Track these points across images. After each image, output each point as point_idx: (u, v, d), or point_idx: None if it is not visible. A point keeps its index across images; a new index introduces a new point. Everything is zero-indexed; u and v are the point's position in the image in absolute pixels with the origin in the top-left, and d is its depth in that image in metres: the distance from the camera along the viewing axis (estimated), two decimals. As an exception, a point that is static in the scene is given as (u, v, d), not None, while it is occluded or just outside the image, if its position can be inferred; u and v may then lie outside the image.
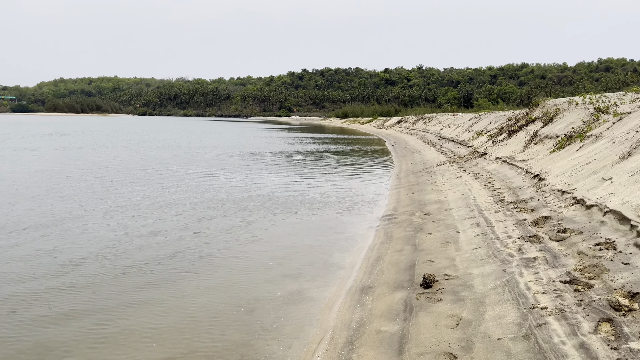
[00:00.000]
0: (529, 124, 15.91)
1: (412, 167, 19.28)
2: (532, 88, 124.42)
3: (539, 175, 9.80)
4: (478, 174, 13.32)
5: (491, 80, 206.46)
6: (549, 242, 6.08)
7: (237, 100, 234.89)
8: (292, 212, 10.78)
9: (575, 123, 12.70)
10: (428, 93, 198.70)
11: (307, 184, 15.20)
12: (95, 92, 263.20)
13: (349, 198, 12.86)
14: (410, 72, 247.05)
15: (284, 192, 13.38)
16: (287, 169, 19.15)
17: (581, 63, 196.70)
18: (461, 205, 9.74)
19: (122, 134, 46.31)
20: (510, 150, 14.63)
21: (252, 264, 7.26)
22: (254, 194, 12.93)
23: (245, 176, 16.63)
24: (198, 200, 11.90)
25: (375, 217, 10.53)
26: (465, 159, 17.02)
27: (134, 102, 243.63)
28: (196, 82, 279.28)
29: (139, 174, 16.55)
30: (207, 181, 15.22)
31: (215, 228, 9.24)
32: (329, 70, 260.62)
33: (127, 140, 35.59)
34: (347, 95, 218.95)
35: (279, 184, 14.99)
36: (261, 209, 11.06)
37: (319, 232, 9.22)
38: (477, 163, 15.36)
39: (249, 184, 14.86)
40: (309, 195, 13.07)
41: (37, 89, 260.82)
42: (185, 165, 19.73)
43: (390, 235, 8.62)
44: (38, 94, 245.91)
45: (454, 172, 14.80)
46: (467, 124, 29.40)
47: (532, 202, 8.31)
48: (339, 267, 7.13)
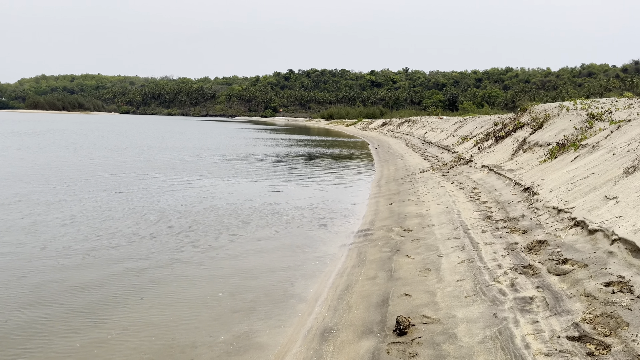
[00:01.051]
0: (517, 130, 15.04)
1: (393, 174, 18.31)
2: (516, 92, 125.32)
3: (530, 188, 8.85)
4: (463, 184, 12.38)
5: (476, 84, 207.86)
6: (548, 275, 5.09)
7: (222, 100, 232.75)
8: (256, 227, 9.66)
9: (567, 130, 11.83)
10: (414, 95, 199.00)
11: (279, 192, 14.10)
12: (78, 90, 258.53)
13: (324, 209, 11.80)
14: (396, 74, 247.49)
15: (252, 202, 12.25)
16: (261, 175, 18.02)
17: (564, 68, 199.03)
18: (444, 221, 8.75)
19: (96, 133, 44.65)
20: (497, 158, 13.73)
21: (198, 295, 6.14)
22: (216, 204, 11.74)
23: (212, 182, 15.44)
24: (148, 212, 10.60)
25: (349, 232, 9.49)
26: (450, 165, 16.09)
27: (117, 100, 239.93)
28: (181, 81, 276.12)
29: (93, 180, 15.24)
30: (167, 188, 13.98)
31: (160, 248, 8.03)
32: (315, 71, 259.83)
33: (98, 141, 34.07)
34: (333, 96, 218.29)
35: (247, 192, 13.86)
36: (221, 222, 9.89)
37: (284, 251, 8.13)
38: (462, 171, 14.43)
39: (213, 191, 13.67)
40: (279, 205, 11.97)
41: (18, 86, 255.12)
42: (149, 169, 18.43)
43: (364, 256, 7.57)
44: (19, 90, 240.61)
45: (438, 181, 13.84)
46: (452, 128, 28.59)
47: (524, 222, 7.33)
48: (300, 300, 6.05)
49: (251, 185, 15.30)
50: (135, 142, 32.97)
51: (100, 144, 30.77)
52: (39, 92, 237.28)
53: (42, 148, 26.05)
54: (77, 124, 66.11)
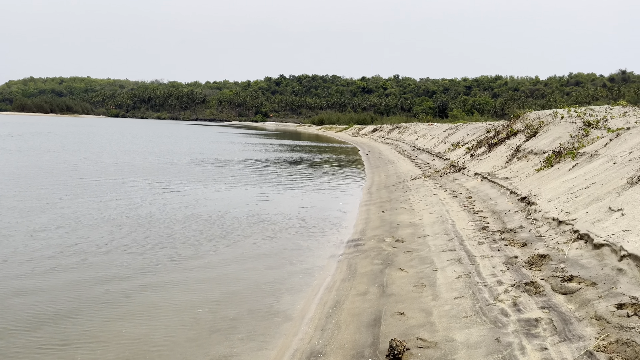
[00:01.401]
0: (511, 137, 14.77)
1: (385, 180, 17.95)
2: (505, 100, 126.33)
3: (527, 198, 8.51)
4: (456, 192, 12.04)
5: (466, 91, 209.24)
6: (553, 294, 4.71)
7: (212, 104, 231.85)
8: (241, 236, 9.20)
9: (562, 138, 11.55)
10: (404, 102, 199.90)
11: (267, 199, 13.66)
12: (67, 93, 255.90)
13: (313, 217, 11.38)
14: (386, 81, 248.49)
15: (237, 210, 11.78)
16: (248, 181, 17.55)
17: (553, 77, 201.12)
18: (438, 232, 8.37)
19: (81, 136, 43.83)
20: (490, 165, 13.42)
21: (176, 313, 5.68)
22: (199, 212, 11.24)
23: (196, 189, 14.94)
24: (124, 220, 10.03)
25: (339, 241, 9.07)
26: (442, 173, 15.77)
27: (106, 103, 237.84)
28: (171, 84, 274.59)
29: (69, 184, 14.66)
30: (148, 195, 13.44)
31: (134, 260, 7.52)
32: (306, 76, 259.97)
33: (82, 144, 33.36)
34: (324, 102, 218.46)
35: (233, 199, 13.39)
36: (202, 232, 9.40)
37: (270, 263, 7.69)
38: (455, 179, 14.11)
39: (197, 198, 13.17)
40: (266, 213, 11.52)
41: (5, 88, 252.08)
42: (131, 174, 17.86)
43: (355, 269, 7.16)
44: (6, 92, 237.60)
45: (430, 188, 13.50)
46: (443, 134, 28.37)
47: (523, 233, 6.97)
48: (286, 318, 5.62)
49: (237, 191, 14.83)
50: (119, 146, 32.31)
51: (84, 147, 30.07)
52: (26, 94, 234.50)
53: (20, 151, 25.34)
54: (63, 127, 65.07)
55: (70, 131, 53.10)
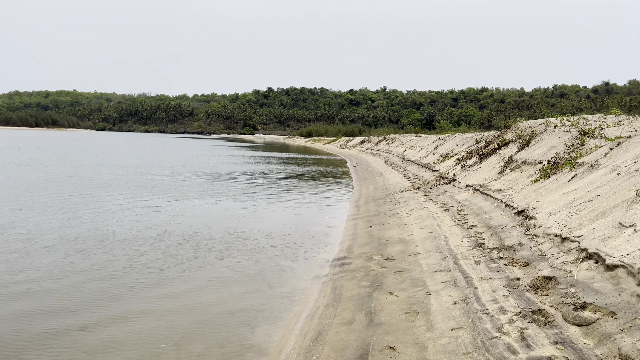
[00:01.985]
0: (502, 148, 14.29)
1: (373, 193, 17.36)
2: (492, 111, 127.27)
3: (524, 212, 7.95)
4: (447, 205, 11.46)
5: (452, 103, 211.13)
6: (566, 325, 4.10)
7: (200, 117, 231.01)
8: (217, 257, 8.48)
9: (557, 147, 11.07)
10: (391, 114, 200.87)
11: (248, 214, 12.95)
12: (53, 106, 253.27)
13: (297, 233, 10.70)
14: (374, 93, 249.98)
15: (215, 226, 11.05)
16: (229, 195, 16.83)
17: (538, 89, 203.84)
18: (430, 249, 7.75)
19: (61, 149, 42.73)
20: (482, 177, 12.89)
21: (134, 348, 4.96)
22: (172, 230, 10.45)
23: (172, 204, 14.18)
24: (87, 240, 9.15)
25: (324, 260, 8.41)
26: (432, 185, 15.22)
27: (93, 117, 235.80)
28: (159, 98, 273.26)
29: (32, 200, 13.85)
30: (118, 211, 12.59)
31: (92, 286, 6.74)
32: (294, 89, 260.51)
33: (59, 158, 32.37)
34: (312, 114, 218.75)
35: (211, 215, 12.67)
36: (173, 252, 8.64)
37: (247, 286, 6.99)
38: (445, 191, 13.55)
39: (171, 214, 12.39)
40: (247, 230, 10.82)
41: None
42: (105, 188, 16.98)
43: (340, 292, 6.50)
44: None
45: (420, 201, 12.92)
46: (432, 145, 27.96)
47: (523, 251, 6.38)
48: (260, 353, 4.92)
49: (217, 207, 14.10)
50: (98, 160, 31.37)
51: (60, 161, 29.10)
52: (11, 108, 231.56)
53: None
54: (45, 140, 63.72)
55: (51, 145, 51.91)
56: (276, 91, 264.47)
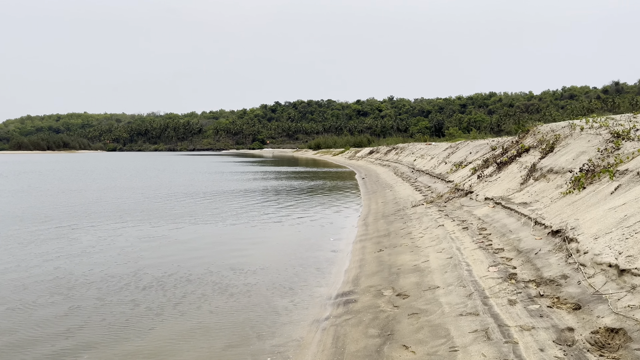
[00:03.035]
0: (522, 155, 13.00)
1: (382, 208, 16.11)
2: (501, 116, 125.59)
3: (561, 232, 6.67)
4: (466, 222, 10.19)
5: (461, 110, 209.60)
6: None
7: (209, 134, 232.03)
8: (200, 298, 7.25)
9: (588, 153, 9.77)
10: (400, 123, 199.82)
11: (243, 240, 11.74)
12: (64, 129, 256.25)
13: (297, 260, 9.49)
14: (381, 103, 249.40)
15: (204, 256, 9.84)
16: (224, 216, 15.61)
17: (546, 91, 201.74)
18: (451, 281, 6.49)
19: (60, 173, 42.04)
20: (503, 188, 11.61)
21: None
22: (149, 264, 9.04)
23: (158, 230, 12.95)
24: (34, 282, 7.97)
25: (326, 297, 7.18)
26: (446, 198, 13.94)
27: (103, 138, 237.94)
28: (168, 116, 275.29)
29: (4, 231, 12.79)
30: (87, 243, 11.23)
31: (39, 346, 5.63)
32: (301, 102, 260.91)
33: (53, 182, 31.54)
34: (320, 126, 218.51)
35: (201, 241, 11.48)
36: (146, 296, 7.33)
37: (232, 337, 5.77)
38: (462, 205, 12.27)
39: (155, 244, 11.07)
40: (240, 259, 9.62)
41: (3, 127, 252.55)
42: (86, 216, 15.55)
43: (342, 345, 5.26)
44: (3, 131, 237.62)
45: (434, 218, 11.65)
46: (443, 154, 26.66)
47: (570, 287, 5.10)
48: None
49: (209, 230, 12.92)
50: (94, 183, 30.43)
51: (52, 186, 28.20)
52: (24, 132, 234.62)
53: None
54: (51, 164, 63.35)
55: (54, 168, 51.38)
56: (283, 105, 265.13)
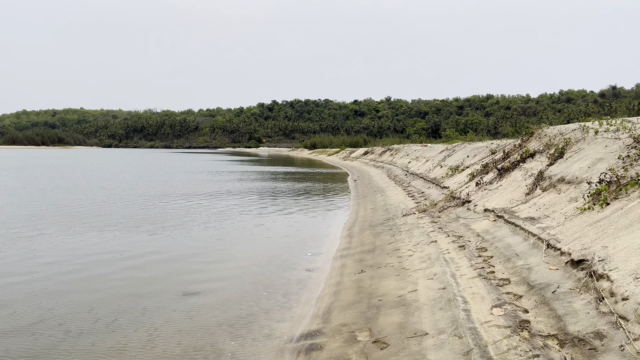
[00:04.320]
0: (527, 160, 11.57)
1: (371, 216, 14.66)
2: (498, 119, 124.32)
3: (586, 263, 5.22)
4: (462, 238, 8.74)
5: (458, 111, 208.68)
6: None
7: (205, 132, 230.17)
8: (127, 337, 5.79)
9: (606, 160, 8.35)
10: (397, 124, 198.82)
11: (205, 253, 10.26)
12: (60, 124, 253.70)
13: (264, 283, 8.02)
14: (379, 103, 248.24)
15: (150, 276, 8.37)
16: (192, 225, 14.16)
17: (544, 94, 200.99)
18: (443, 327, 5.03)
19: (39, 169, 40.41)
20: (505, 198, 10.16)
21: None
22: (79, 289, 7.73)
23: (112, 240, 11.50)
24: None
25: (286, 338, 5.72)
26: (441, 207, 12.49)
27: (99, 134, 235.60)
28: (164, 113, 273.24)
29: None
30: (23, 254, 10.07)
31: None
32: (298, 101, 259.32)
33: (25, 179, 29.97)
34: (317, 126, 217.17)
35: (155, 254, 9.99)
36: (53, 341, 6.01)
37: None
38: (458, 216, 10.82)
39: (103, 257, 9.72)
40: (194, 280, 8.14)
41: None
42: (44, 219, 14.48)
43: None
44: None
45: (426, 231, 10.20)
46: (439, 157, 25.24)
47: (610, 355, 3.65)
48: None
49: (162, 243, 11.36)
50: (75, 181, 28.90)
51: (27, 184, 26.67)
52: (19, 127, 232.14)
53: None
54: (38, 160, 61.60)
55: (36, 164, 49.67)
56: (280, 104, 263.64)
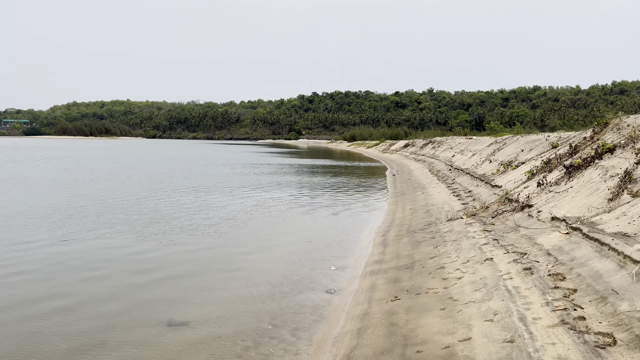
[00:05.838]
0: (604, 156, 9.37)
1: (410, 218, 12.78)
2: (545, 111, 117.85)
3: None
4: (527, 257, 6.78)
5: (503, 103, 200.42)
6: None
7: (246, 124, 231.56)
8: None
9: None
10: (439, 116, 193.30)
11: (205, 264, 8.75)
12: (107, 116, 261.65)
13: (269, 311, 6.38)
14: (420, 95, 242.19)
15: (125, 305, 6.92)
16: (196, 225, 12.69)
17: (595, 86, 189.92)
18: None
19: (71, 160, 40.44)
20: (580, 205, 8.07)
21: None
22: (45, 314, 6.42)
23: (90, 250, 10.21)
24: None
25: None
26: (494, 211, 10.47)
27: (144, 125, 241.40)
28: (207, 105, 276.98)
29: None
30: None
31: None
32: (339, 93, 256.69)
33: (49, 171, 29.59)
34: (357, 118, 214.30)
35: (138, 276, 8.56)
36: None
37: None
38: (518, 224, 8.80)
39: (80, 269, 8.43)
40: (173, 307, 6.62)
41: (50, 112, 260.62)
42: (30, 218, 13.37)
43: None
44: (51, 117, 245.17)
45: (478, 243, 8.27)
46: (487, 150, 22.87)
47: None
48: None
49: (159, 248, 9.97)
50: (107, 173, 28.28)
51: (59, 175, 26.17)
52: (69, 118, 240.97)
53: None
54: (79, 150, 62.62)
55: (74, 154, 50.13)
56: (321, 95, 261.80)
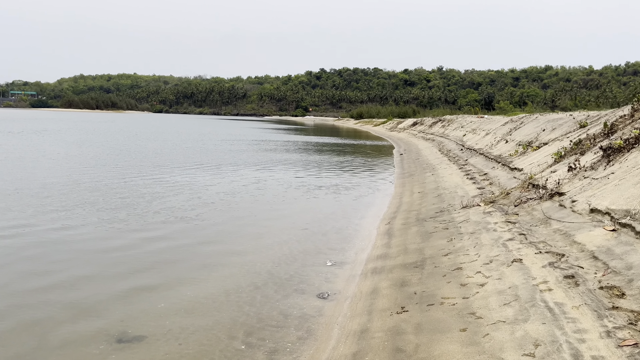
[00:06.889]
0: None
1: (418, 203, 11.51)
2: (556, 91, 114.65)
3: None
4: (566, 260, 5.50)
5: (513, 83, 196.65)
6: None
7: (253, 99, 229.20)
8: None
9: None
10: (448, 95, 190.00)
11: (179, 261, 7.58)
12: (114, 89, 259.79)
13: (244, 321, 5.20)
14: (430, 73, 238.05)
15: (85, 320, 5.77)
16: (178, 211, 11.49)
17: (608, 66, 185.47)
18: None
19: (62, 133, 39.32)
20: (627, 194, 6.74)
21: None
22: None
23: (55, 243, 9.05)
24: None
25: None
26: (517, 199, 9.15)
27: (150, 99, 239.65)
28: (214, 80, 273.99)
29: None
30: None
31: None
32: (347, 70, 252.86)
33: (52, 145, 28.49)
34: (365, 95, 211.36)
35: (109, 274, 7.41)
36: None
37: None
38: (548, 216, 7.50)
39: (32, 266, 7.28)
40: (132, 317, 5.45)
41: (57, 85, 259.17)
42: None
43: None
44: (58, 89, 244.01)
45: (501, 238, 6.99)
46: (502, 129, 21.40)
47: None
48: None
49: (112, 242, 8.82)
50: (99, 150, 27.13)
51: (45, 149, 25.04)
52: (76, 91, 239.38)
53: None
54: (82, 123, 61.49)
55: (73, 127, 49.00)
56: (328, 72, 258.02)
